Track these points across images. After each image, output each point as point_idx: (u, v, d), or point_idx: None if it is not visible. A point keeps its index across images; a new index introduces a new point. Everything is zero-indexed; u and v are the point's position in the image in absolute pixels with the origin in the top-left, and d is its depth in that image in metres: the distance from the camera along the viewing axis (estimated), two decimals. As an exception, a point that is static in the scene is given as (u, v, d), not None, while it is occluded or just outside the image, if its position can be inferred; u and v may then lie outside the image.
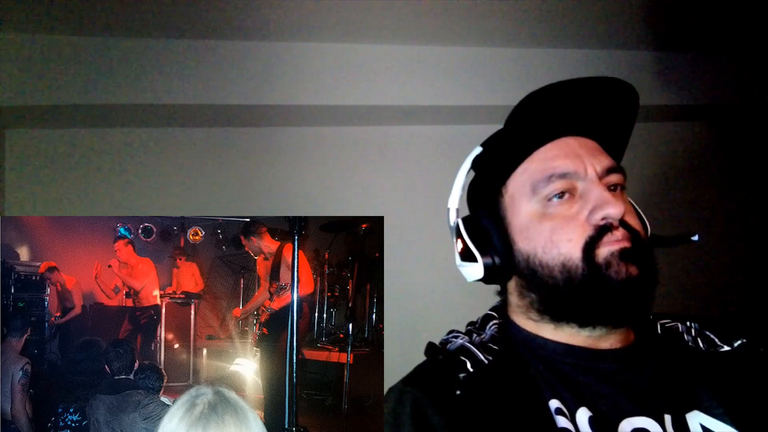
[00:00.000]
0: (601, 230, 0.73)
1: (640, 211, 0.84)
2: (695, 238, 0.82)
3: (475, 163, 0.85)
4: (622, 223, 0.73)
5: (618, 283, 0.71)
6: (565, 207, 0.76)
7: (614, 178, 0.77)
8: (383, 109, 2.42)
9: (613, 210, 0.72)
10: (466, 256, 0.82)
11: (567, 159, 0.77)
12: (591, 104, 0.80)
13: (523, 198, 0.80)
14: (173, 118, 2.38)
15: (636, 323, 0.79)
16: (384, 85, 2.36)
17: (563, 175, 0.76)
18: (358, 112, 2.44)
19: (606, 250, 0.72)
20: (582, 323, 0.76)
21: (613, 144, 0.83)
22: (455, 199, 0.86)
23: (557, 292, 0.75)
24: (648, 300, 0.74)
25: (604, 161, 0.78)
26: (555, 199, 0.76)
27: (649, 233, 0.82)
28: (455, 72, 2.43)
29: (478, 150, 0.85)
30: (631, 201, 0.84)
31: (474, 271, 0.81)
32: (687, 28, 2.42)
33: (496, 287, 0.89)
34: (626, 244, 0.72)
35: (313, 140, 2.57)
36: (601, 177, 0.76)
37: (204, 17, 2.07)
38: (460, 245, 0.84)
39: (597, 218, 0.73)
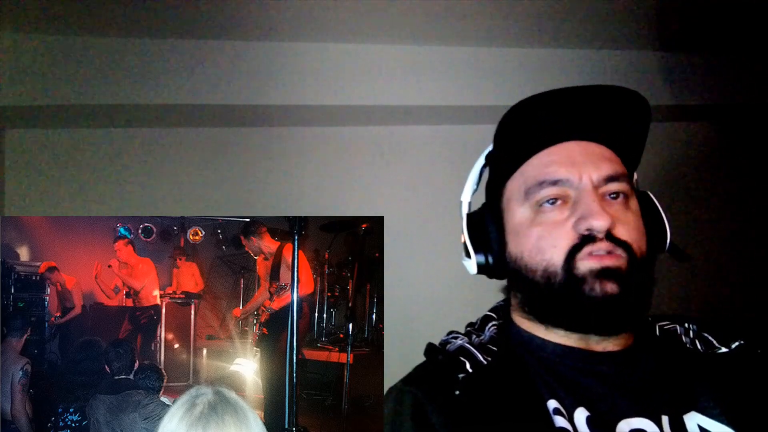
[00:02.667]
0: (584, 239, 0.73)
1: (663, 214, 0.83)
2: (688, 261, 0.82)
3: (488, 160, 0.86)
4: (609, 235, 0.72)
5: (593, 299, 0.71)
6: (555, 214, 0.76)
7: (614, 186, 0.76)
8: (383, 109, 2.42)
9: (597, 222, 0.72)
10: (467, 251, 0.85)
11: (562, 166, 0.77)
12: (594, 110, 0.78)
13: (517, 201, 0.80)
14: (173, 118, 2.38)
15: (623, 332, 0.78)
16: (384, 85, 2.36)
17: (555, 182, 0.76)
18: (358, 112, 2.44)
19: (586, 265, 0.72)
20: (567, 328, 0.77)
21: (625, 150, 0.82)
22: (468, 193, 0.88)
23: (539, 296, 0.76)
24: (630, 315, 0.74)
25: (604, 169, 0.76)
26: (546, 205, 0.77)
27: (668, 240, 0.82)
28: (455, 72, 2.42)
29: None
30: (656, 202, 0.83)
31: (471, 266, 0.84)
32: (690, 29, 2.41)
33: (500, 285, 0.90)
34: (607, 263, 0.71)
35: (313, 140, 2.57)
36: (598, 185, 0.75)
37: (204, 17, 2.08)
38: (462, 240, 0.85)
39: (581, 229, 0.73)
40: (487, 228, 0.83)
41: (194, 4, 1.98)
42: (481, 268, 0.83)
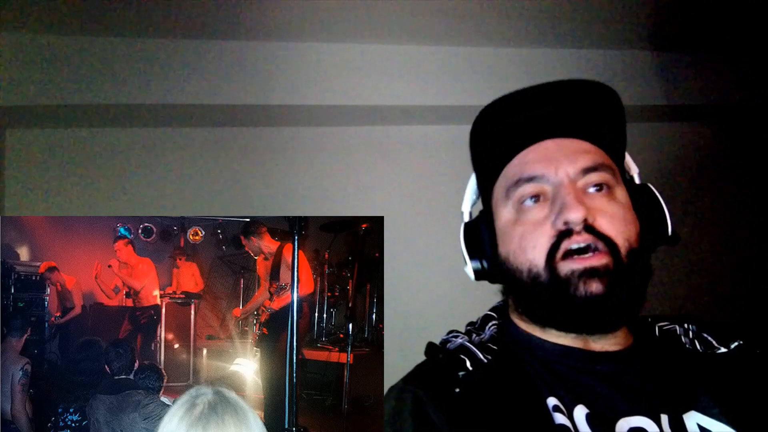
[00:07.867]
0: (561, 235, 0.72)
1: (663, 204, 0.81)
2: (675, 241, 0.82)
3: (474, 166, 0.87)
4: (589, 228, 0.71)
5: (578, 300, 0.71)
6: (536, 212, 0.76)
7: (594, 177, 0.76)
8: (383, 109, 2.42)
9: (572, 215, 0.71)
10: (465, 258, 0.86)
11: (538, 162, 0.77)
12: (565, 106, 0.79)
13: (501, 203, 0.81)
14: (173, 118, 2.38)
15: (615, 329, 0.78)
16: (384, 85, 2.36)
17: (530, 179, 0.76)
18: (358, 112, 2.44)
19: (568, 266, 0.71)
20: (558, 328, 0.77)
21: (607, 144, 0.82)
22: (467, 204, 0.88)
23: (528, 296, 0.77)
24: (619, 312, 0.73)
25: (581, 162, 0.75)
26: (527, 203, 0.77)
27: (668, 230, 0.81)
28: (455, 72, 2.43)
29: None
30: (656, 192, 0.82)
31: (470, 273, 0.85)
32: (687, 29, 2.42)
33: (499, 287, 0.90)
34: (591, 263, 0.70)
35: (313, 140, 2.57)
36: (575, 179, 0.75)
37: (204, 17, 2.08)
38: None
39: (559, 224, 0.73)
40: (481, 233, 0.84)
41: (194, 4, 1.98)
42: (478, 274, 0.84)
